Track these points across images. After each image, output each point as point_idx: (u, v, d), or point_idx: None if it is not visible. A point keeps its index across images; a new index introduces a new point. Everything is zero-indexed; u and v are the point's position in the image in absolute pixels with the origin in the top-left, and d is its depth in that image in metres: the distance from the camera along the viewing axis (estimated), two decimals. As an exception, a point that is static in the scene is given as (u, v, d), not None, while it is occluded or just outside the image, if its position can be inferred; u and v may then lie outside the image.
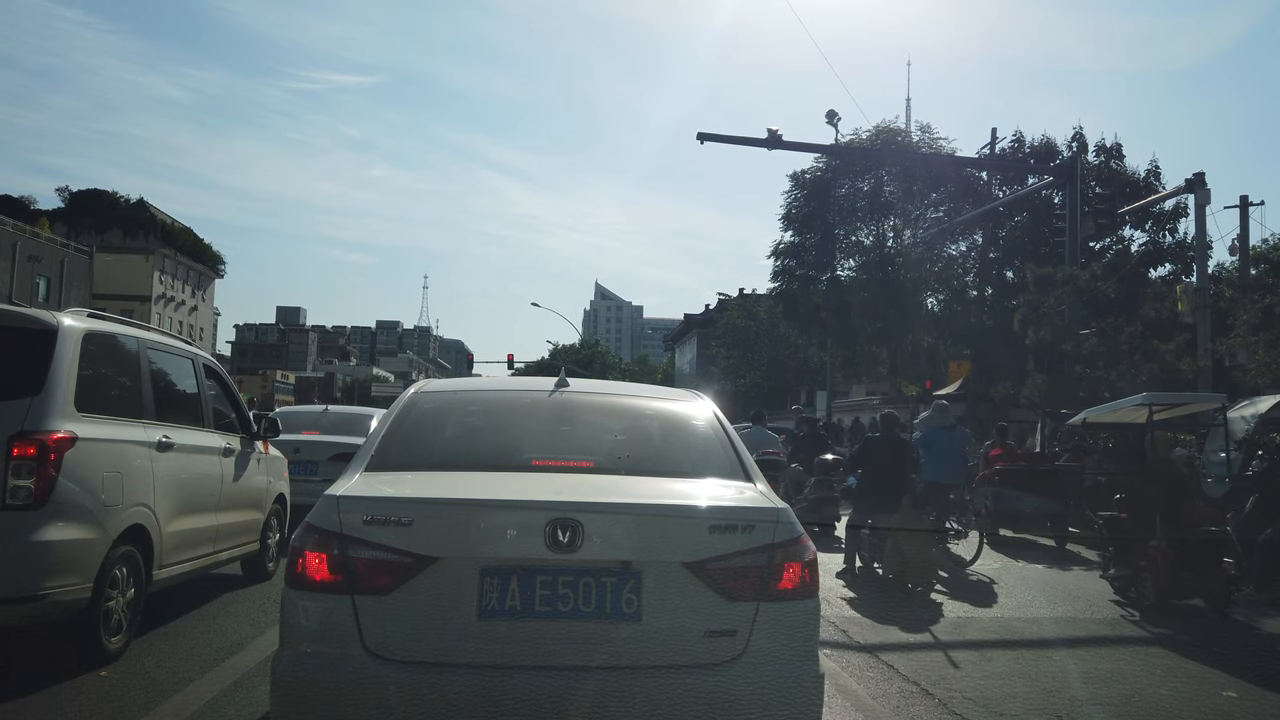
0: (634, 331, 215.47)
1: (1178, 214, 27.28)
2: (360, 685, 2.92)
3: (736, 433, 4.05)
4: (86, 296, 52.67)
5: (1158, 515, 8.42)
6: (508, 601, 2.99)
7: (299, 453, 10.23)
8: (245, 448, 7.41)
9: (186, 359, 6.81)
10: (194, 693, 4.68)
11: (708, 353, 59.39)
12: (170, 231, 78.72)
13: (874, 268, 32.08)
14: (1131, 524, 8.88)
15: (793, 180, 32.71)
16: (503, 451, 3.81)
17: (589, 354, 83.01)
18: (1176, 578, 8.20)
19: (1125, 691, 5.59)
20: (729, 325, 52.98)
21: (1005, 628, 7.53)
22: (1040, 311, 18.04)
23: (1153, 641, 7.11)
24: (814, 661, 3.21)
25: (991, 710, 5.06)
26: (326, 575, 2.99)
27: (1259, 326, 15.87)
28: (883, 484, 9.70)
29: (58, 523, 4.74)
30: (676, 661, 3.02)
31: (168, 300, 74.14)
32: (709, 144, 20.41)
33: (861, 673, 5.78)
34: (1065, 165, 23.69)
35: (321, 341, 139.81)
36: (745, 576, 3.09)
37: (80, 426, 4.99)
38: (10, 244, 48.12)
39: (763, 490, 3.53)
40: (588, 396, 4.34)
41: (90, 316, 5.64)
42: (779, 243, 33.79)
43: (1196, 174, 18.35)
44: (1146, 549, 8.41)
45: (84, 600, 4.90)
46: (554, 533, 2.99)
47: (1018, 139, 30.46)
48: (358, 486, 3.29)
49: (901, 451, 10.14)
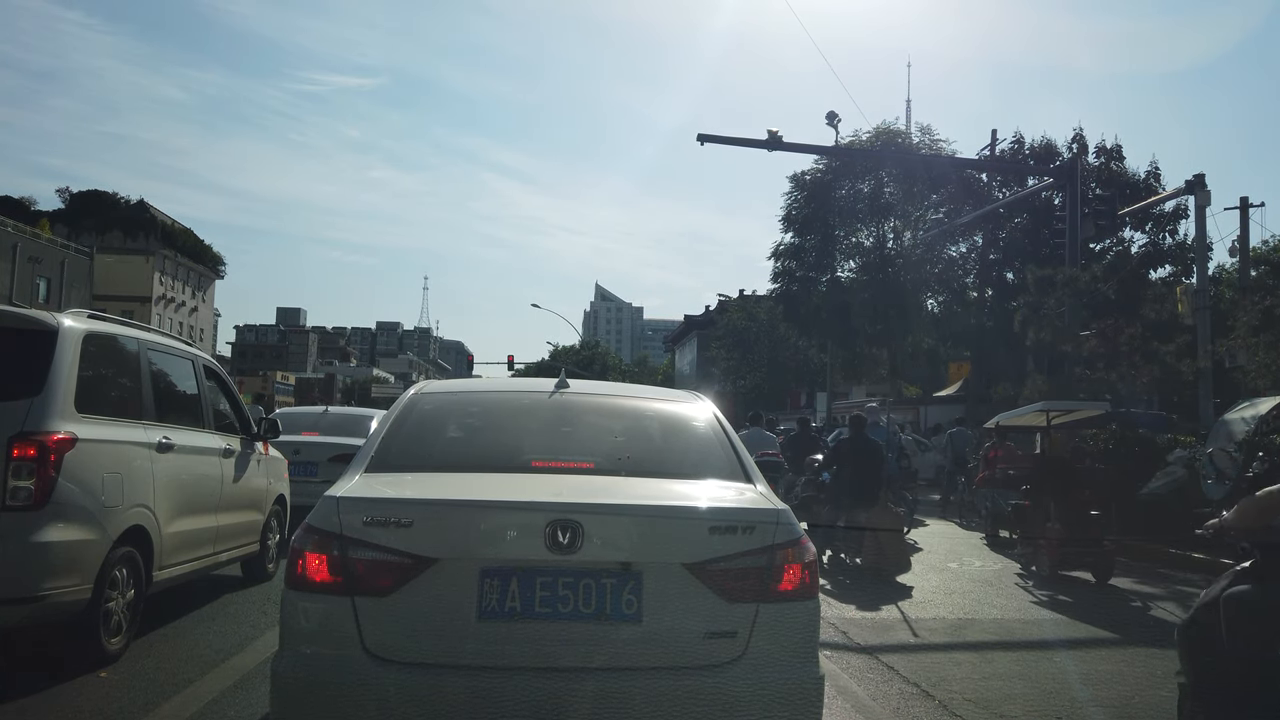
0: (634, 333, 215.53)
1: (1178, 215, 27.27)
2: (360, 686, 2.92)
3: (736, 434, 4.06)
4: (87, 297, 52.68)
5: (1052, 502, 10.24)
6: (508, 603, 2.99)
7: (299, 454, 10.23)
8: (245, 449, 7.41)
9: (187, 360, 6.81)
10: (194, 694, 4.68)
11: (708, 354, 59.37)
12: (170, 232, 78.77)
13: (874, 269, 32.05)
14: (1033, 509, 10.63)
15: (793, 182, 32.70)
16: (503, 452, 3.81)
17: (589, 355, 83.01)
18: (1065, 553, 9.89)
19: (1125, 693, 5.59)
20: (729, 326, 52.97)
21: (1005, 629, 7.53)
22: (1040, 313, 18.02)
23: (1153, 643, 7.10)
24: (814, 663, 3.21)
25: (992, 712, 5.06)
26: (326, 576, 2.99)
27: (1259, 328, 15.83)
28: (855, 482, 10.59)
29: (58, 524, 4.74)
30: (676, 663, 3.02)
31: (168, 301, 74.17)
32: (709, 146, 20.34)
33: (862, 674, 5.77)
34: (1065, 167, 23.65)
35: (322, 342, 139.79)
36: (745, 578, 3.09)
37: (80, 427, 4.99)
38: (10, 245, 48.13)
39: (763, 491, 3.53)
40: (588, 398, 4.34)
41: (90, 317, 5.64)
42: (779, 244, 33.79)
43: (1196, 175, 18.36)
44: (1044, 529, 10.14)
45: (84, 601, 4.90)
46: (554, 534, 2.99)
47: (1018, 140, 30.47)
48: (358, 487, 3.29)
49: (871, 451, 11.09)
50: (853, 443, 11.32)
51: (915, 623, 7.51)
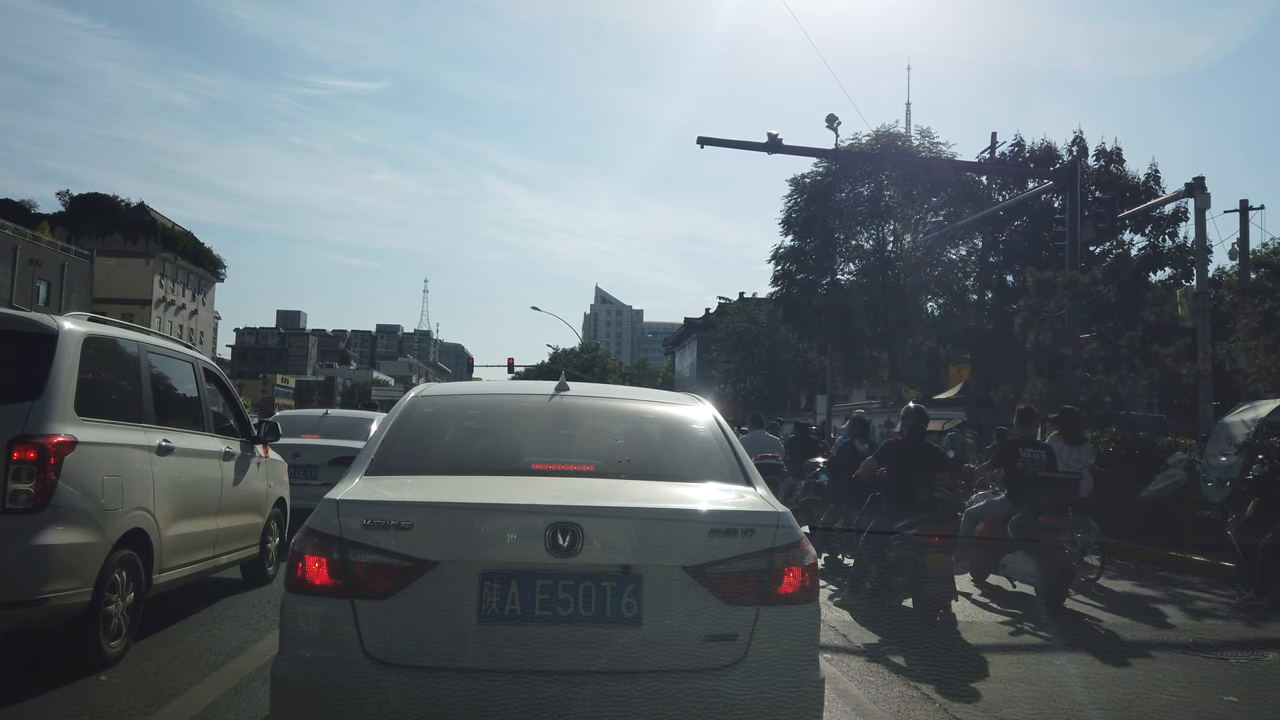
0: (634, 335, 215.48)
1: (1178, 218, 27.23)
2: (360, 689, 2.92)
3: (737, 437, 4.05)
4: (87, 300, 52.73)
5: None
6: (508, 605, 2.98)
7: (299, 457, 10.23)
8: (245, 452, 7.40)
9: (187, 363, 6.81)
10: (193, 697, 4.68)
11: (708, 356, 59.35)
12: (171, 235, 78.81)
13: (874, 272, 32.03)
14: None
15: (793, 184, 32.68)
16: (503, 455, 3.81)
17: (589, 358, 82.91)
18: None
19: (1126, 696, 5.58)
20: (729, 329, 52.95)
21: (1006, 632, 7.52)
22: (1040, 315, 17.99)
23: (1154, 645, 7.09)
24: (814, 666, 3.20)
25: (992, 714, 5.06)
26: (326, 579, 2.99)
27: (1259, 330, 15.83)
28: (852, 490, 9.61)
29: (57, 527, 4.74)
30: (677, 666, 3.01)
31: (168, 304, 74.16)
32: (709, 148, 20.32)
33: (862, 677, 5.77)
34: (1065, 169, 23.63)
35: (322, 345, 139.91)
36: (745, 581, 3.08)
37: (80, 430, 4.98)
38: (11, 248, 48.17)
39: (763, 494, 3.52)
40: (588, 400, 4.34)
41: (90, 320, 5.64)
42: (779, 247, 33.77)
43: (1196, 178, 18.32)
44: None
45: (83, 604, 4.89)
46: (554, 536, 2.99)
47: (1018, 143, 30.43)
48: (358, 490, 3.28)
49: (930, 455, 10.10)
50: (850, 449, 10.81)
51: (915, 626, 7.49)
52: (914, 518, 7.80)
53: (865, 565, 8.34)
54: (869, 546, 8.23)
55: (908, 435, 8.69)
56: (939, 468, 8.64)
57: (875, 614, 7.86)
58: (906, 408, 9.17)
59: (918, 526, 7.68)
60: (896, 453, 8.58)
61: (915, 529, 7.65)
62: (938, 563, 7.48)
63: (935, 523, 7.84)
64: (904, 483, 8.27)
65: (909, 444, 8.57)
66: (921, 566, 7.49)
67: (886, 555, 7.90)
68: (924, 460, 8.43)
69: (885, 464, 8.57)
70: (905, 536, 7.65)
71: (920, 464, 8.38)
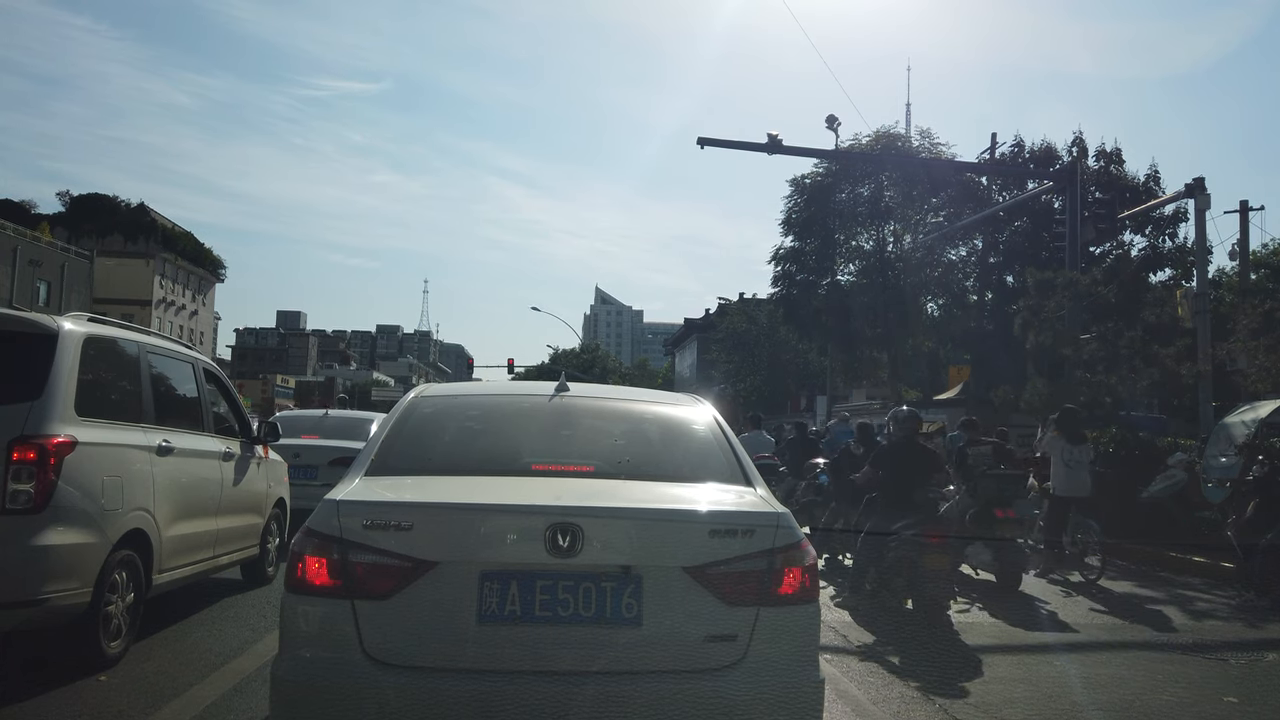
0: (634, 336, 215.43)
1: (1178, 219, 27.21)
2: (360, 690, 2.91)
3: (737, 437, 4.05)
4: (87, 301, 52.74)
5: None
6: (508, 606, 2.98)
7: (299, 457, 10.24)
8: (245, 452, 7.40)
9: (187, 363, 6.81)
10: (193, 697, 4.68)
11: (708, 357, 59.32)
12: (171, 236, 78.83)
13: (874, 272, 32.02)
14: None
15: (793, 185, 32.67)
16: (503, 456, 3.81)
17: (589, 358, 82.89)
18: None
19: (1126, 697, 5.58)
20: (729, 330, 52.92)
21: (1006, 632, 7.52)
22: (1040, 316, 17.99)
23: (1154, 646, 7.10)
24: (814, 666, 3.20)
25: (992, 715, 5.06)
26: (326, 579, 2.99)
27: (1259, 331, 15.85)
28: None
29: (57, 527, 4.74)
30: (676, 666, 3.01)
31: (168, 305, 74.16)
32: (710, 149, 20.29)
33: (862, 678, 5.77)
34: (1065, 170, 23.62)
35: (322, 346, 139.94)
36: (745, 581, 3.08)
37: (80, 431, 4.98)
38: (11, 248, 48.18)
39: (763, 495, 3.52)
40: (588, 401, 4.33)
41: (90, 321, 5.64)
42: (779, 247, 33.75)
43: (1196, 179, 18.31)
44: None
45: (83, 605, 4.89)
46: (554, 537, 2.99)
47: (1018, 144, 30.43)
48: (358, 491, 3.28)
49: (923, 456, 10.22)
50: (854, 452, 10.83)
51: (915, 626, 7.49)
52: (912, 518, 7.85)
53: (864, 566, 8.38)
54: (867, 547, 8.28)
55: (902, 438, 8.79)
56: (934, 468, 8.70)
57: (875, 614, 7.86)
58: (898, 410, 9.33)
59: (916, 527, 7.73)
60: (892, 456, 8.65)
61: (914, 529, 7.70)
62: (937, 563, 7.53)
63: (933, 523, 7.93)
64: (901, 484, 8.33)
65: (904, 446, 8.64)
66: (920, 567, 7.53)
67: (885, 556, 7.94)
68: (919, 461, 8.50)
69: (882, 467, 8.65)
70: (904, 537, 7.69)
71: (916, 465, 8.45)
